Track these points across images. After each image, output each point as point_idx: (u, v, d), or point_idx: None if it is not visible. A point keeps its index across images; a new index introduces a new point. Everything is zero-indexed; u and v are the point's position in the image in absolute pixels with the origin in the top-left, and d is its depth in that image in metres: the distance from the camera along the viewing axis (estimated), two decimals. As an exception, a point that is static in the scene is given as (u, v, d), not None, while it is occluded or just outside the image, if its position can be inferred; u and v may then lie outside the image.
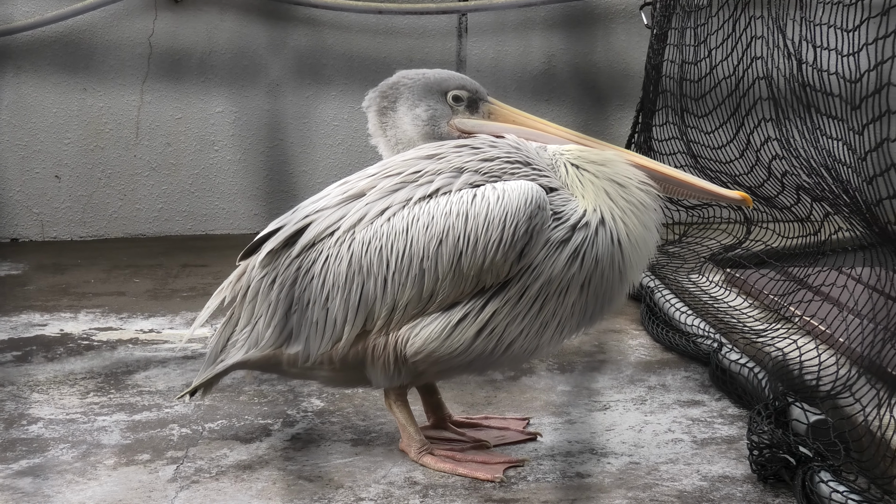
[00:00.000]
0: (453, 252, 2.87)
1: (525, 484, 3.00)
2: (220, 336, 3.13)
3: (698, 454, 3.19)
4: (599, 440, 3.29)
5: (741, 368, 3.53)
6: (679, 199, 3.38)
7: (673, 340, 4.06)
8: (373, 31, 5.93)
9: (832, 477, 2.76)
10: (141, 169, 5.90)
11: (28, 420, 3.42)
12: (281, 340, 3.02)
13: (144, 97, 5.84)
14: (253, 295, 3.04)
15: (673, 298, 4.29)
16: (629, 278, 2.98)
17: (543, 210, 2.86)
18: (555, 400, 3.61)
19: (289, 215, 3.06)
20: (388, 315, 2.92)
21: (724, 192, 3.12)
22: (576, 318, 2.95)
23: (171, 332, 4.32)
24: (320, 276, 2.95)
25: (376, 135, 3.20)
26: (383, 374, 3.00)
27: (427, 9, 5.91)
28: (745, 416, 3.41)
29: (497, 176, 2.93)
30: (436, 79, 3.13)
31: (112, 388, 3.70)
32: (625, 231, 2.92)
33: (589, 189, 2.94)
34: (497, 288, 2.88)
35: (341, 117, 5.97)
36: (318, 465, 3.11)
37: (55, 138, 5.81)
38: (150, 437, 3.30)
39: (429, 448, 3.11)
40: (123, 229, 5.94)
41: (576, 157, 2.99)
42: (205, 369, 3.17)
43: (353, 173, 3.11)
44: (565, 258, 2.87)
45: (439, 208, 2.89)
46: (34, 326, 4.38)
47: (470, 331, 2.89)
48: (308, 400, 3.59)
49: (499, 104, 3.17)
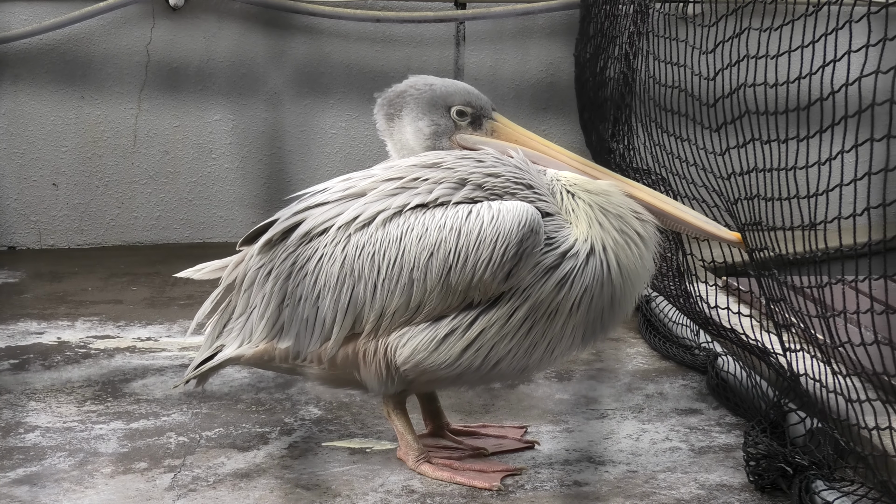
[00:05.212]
0: (443, 266, 2.87)
1: (523, 492, 3.00)
2: (218, 322, 3.15)
3: (696, 462, 3.19)
4: (597, 448, 3.29)
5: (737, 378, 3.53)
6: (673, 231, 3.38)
7: (670, 350, 4.06)
8: (371, 39, 5.93)
9: (828, 485, 2.76)
10: (138, 177, 5.90)
11: (25, 428, 3.41)
12: (273, 333, 3.03)
13: (142, 105, 5.84)
14: (249, 284, 3.07)
15: (669, 308, 4.29)
16: (622, 307, 2.98)
17: (536, 234, 2.86)
18: (553, 408, 3.61)
19: (292, 206, 3.08)
20: (376, 320, 2.93)
21: (719, 231, 3.06)
22: (566, 340, 2.94)
23: (168, 340, 4.31)
24: (313, 274, 2.97)
25: (385, 135, 3.20)
26: (376, 380, 3.00)
27: (425, 17, 5.92)
28: (742, 424, 3.41)
29: (498, 194, 2.93)
30: (441, 93, 3.11)
31: (109, 397, 3.70)
32: (615, 262, 2.91)
33: (582, 218, 2.94)
34: (486, 305, 2.89)
35: (339, 125, 5.97)
36: (316, 473, 3.11)
37: (52, 146, 5.81)
38: (147, 446, 3.29)
39: (427, 456, 3.11)
40: (121, 237, 5.94)
41: (572, 185, 2.99)
42: (201, 354, 3.17)
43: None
44: (552, 284, 2.87)
45: (434, 220, 2.89)
46: (31, 334, 4.38)
47: (457, 346, 2.90)
48: (305, 408, 3.59)
49: (503, 121, 3.15)
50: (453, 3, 5.99)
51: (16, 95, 5.75)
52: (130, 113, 5.84)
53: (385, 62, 5.93)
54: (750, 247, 3.12)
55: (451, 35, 6.00)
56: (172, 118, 5.88)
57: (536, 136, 3.14)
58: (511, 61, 6.03)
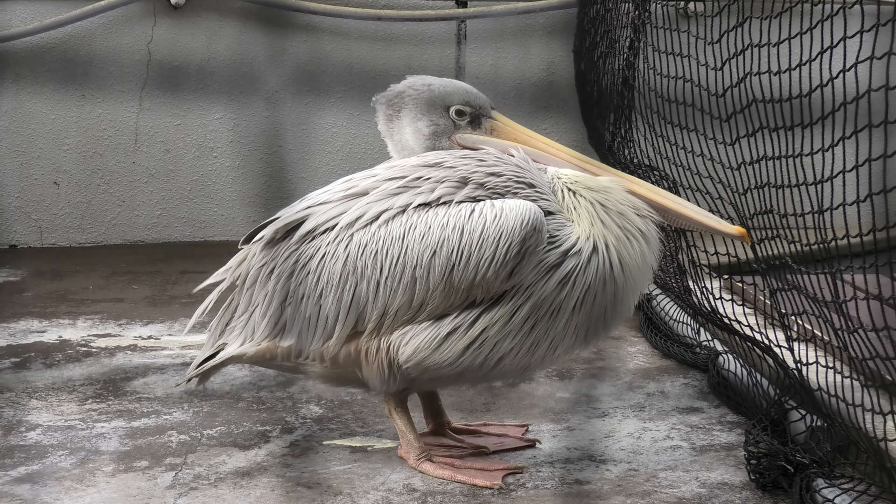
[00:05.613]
0: (446, 264, 2.87)
1: (524, 491, 3.00)
2: (220, 320, 3.15)
3: (697, 461, 3.19)
4: (598, 447, 3.29)
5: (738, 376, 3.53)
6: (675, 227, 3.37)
7: (671, 349, 4.06)
8: (372, 38, 5.93)
9: (829, 483, 2.76)
10: (139, 175, 5.90)
11: (26, 427, 3.42)
12: (275, 332, 3.03)
13: (143, 104, 5.84)
14: (251, 282, 3.07)
15: (670, 306, 4.28)
16: (624, 304, 2.98)
17: (539, 232, 2.86)
18: (553, 407, 3.61)
19: (294, 205, 3.08)
20: (378, 318, 2.93)
21: (720, 226, 3.05)
22: (569, 339, 2.94)
23: (169, 338, 4.32)
24: (316, 272, 2.97)
25: (385, 135, 3.19)
26: (378, 378, 3.00)
27: (426, 15, 5.92)
28: (743, 423, 3.41)
29: (500, 193, 2.93)
30: (440, 92, 3.11)
31: (110, 395, 3.70)
32: (618, 259, 2.91)
33: (584, 215, 2.94)
34: (488, 304, 2.89)
35: (340, 124, 5.98)
36: (317, 471, 3.11)
37: (54, 145, 5.81)
38: (148, 444, 3.29)
39: (428, 455, 3.11)
40: (122, 236, 5.94)
41: (573, 182, 2.99)
42: (203, 352, 3.18)
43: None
44: (555, 282, 2.87)
45: (437, 219, 2.90)
46: (32, 333, 4.38)
47: (459, 344, 2.90)
48: (307, 407, 3.59)
49: (503, 120, 3.14)
50: (454, 2, 5.99)
51: (17, 94, 5.75)
52: (131, 111, 5.84)
53: (386, 61, 5.94)
54: (753, 241, 3.12)
55: (452, 34, 6.01)
56: (173, 117, 5.88)
57: (536, 134, 3.14)
58: (512, 60, 6.03)
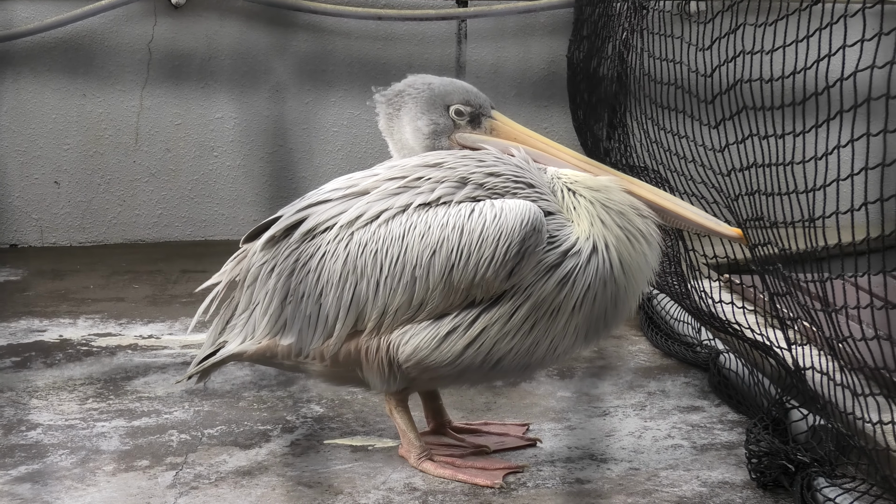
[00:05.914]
0: (445, 264, 2.87)
1: (525, 490, 3.00)
2: (220, 319, 3.15)
3: (698, 460, 3.19)
4: (599, 446, 3.29)
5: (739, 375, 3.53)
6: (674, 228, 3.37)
7: (672, 348, 4.05)
8: (373, 36, 5.93)
9: (830, 482, 2.76)
10: (140, 175, 5.90)
11: (27, 426, 3.42)
12: (276, 330, 3.03)
13: (144, 103, 5.84)
14: (252, 280, 3.07)
15: (671, 305, 4.28)
16: (625, 305, 2.97)
17: (538, 232, 2.86)
18: (554, 405, 3.61)
19: (295, 203, 3.08)
20: (378, 318, 2.93)
21: (719, 227, 3.05)
22: (569, 339, 2.94)
23: (170, 338, 4.32)
24: (316, 271, 2.97)
25: (386, 134, 3.19)
26: (378, 378, 3.00)
27: (427, 15, 5.91)
28: (744, 421, 3.41)
29: (499, 194, 2.93)
30: (440, 91, 3.11)
31: (111, 394, 3.70)
32: (618, 260, 2.91)
33: (584, 215, 2.93)
34: (488, 304, 2.89)
35: (341, 123, 5.97)
36: (318, 471, 3.11)
37: (54, 144, 5.81)
38: (149, 443, 3.29)
39: (428, 454, 3.11)
40: (123, 235, 5.94)
41: (572, 183, 2.98)
42: (204, 350, 3.18)
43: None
44: (554, 282, 2.87)
45: (437, 219, 2.90)
46: (33, 332, 4.38)
47: (459, 344, 2.90)
48: (307, 406, 3.59)
49: (502, 119, 3.14)
50: (455, 1, 5.99)
51: (18, 93, 5.75)
52: (132, 111, 5.84)
53: (387, 60, 5.93)
54: (751, 242, 3.12)
55: (452, 33, 6.00)
56: (174, 116, 5.88)
57: (535, 133, 3.14)
58: (513, 59, 6.03)
